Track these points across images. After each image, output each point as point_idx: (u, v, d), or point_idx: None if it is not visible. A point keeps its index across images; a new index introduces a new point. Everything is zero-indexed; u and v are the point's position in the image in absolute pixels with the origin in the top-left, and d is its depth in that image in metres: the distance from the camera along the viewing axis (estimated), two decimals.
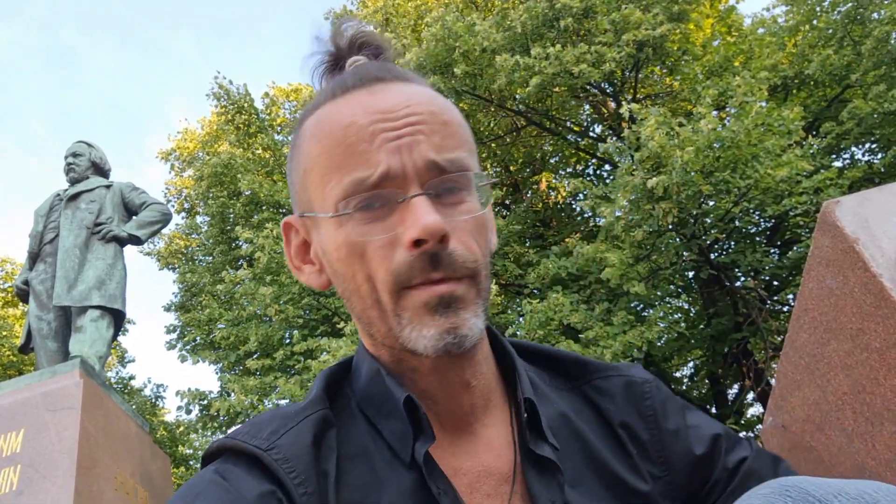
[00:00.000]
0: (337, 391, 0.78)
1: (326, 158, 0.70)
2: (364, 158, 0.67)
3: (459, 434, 0.75)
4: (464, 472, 0.73)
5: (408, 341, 0.68)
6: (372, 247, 0.68)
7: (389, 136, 0.67)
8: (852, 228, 1.12)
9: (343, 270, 0.71)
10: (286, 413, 0.72)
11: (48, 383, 4.00)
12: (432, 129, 0.69)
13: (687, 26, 11.11)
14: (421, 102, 0.70)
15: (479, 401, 0.76)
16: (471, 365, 0.75)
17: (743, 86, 8.56)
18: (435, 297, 0.66)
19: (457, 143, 0.71)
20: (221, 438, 0.70)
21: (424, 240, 0.65)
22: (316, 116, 0.74)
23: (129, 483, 3.96)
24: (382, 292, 0.68)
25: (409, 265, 0.66)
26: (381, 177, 0.66)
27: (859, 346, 1.16)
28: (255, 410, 9.79)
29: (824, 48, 10.33)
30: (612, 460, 0.78)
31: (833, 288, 1.21)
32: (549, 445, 0.74)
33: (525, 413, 0.75)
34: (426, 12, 13.20)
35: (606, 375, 0.85)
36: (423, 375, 0.74)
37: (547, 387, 0.83)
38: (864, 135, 10.12)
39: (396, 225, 0.67)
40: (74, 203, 5.42)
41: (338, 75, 0.78)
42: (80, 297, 5.01)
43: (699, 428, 0.83)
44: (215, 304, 11.90)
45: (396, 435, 0.71)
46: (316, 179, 0.71)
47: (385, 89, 0.71)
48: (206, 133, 16.23)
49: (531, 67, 9.83)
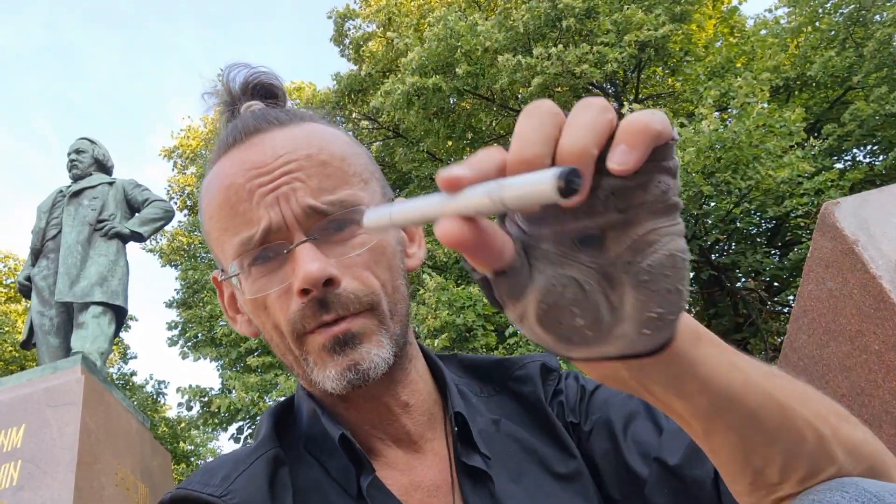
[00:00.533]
0: (284, 430, 0.81)
1: (217, 221, 0.72)
2: (246, 218, 0.69)
3: (408, 451, 0.78)
4: (415, 489, 0.76)
5: (318, 382, 0.70)
6: (271, 299, 0.70)
7: (265, 189, 0.69)
8: (852, 230, 1.13)
9: (257, 323, 0.75)
10: (237, 457, 0.74)
11: (50, 379, 4.01)
12: (309, 173, 0.70)
13: (689, 27, 11.11)
14: (297, 147, 0.71)
15: (421, 418, 0.79)
16: (405, 386, 0.77)
17: (745, 87, 8.57)
18: (330, 339, 0.68)
19: (337, 181, 0.71)
20: (175, 489, 0.71)
21: (309, 289, 0.66)
22: (207, 178, 0.76)
23: (130, 479, 3.97)
24: (289, 339, 0.71)
25: (301, 313, 0.68)
26: (265, 232, 0.68)
27: (858, 348, 1.17)
28: (256, 407, 9.81)
29: (826, 50, 10.32)
30: (543, 447, 0.81)
31: (832, 289, 1.22)
32: (479, 455, 0.76)
33: (455, 427, 0.77)
34: (428, 12, 13.20)
35: (523, 364, 0.89)
36: (361, 404, 0.76)
37: (478, 397, 0.86)
38: (866, 137, 10.12)
39: (289, 275, 0.69)
40: (77, 200, 5.43)
41: (235, 121, 0.79)
42: (82, 294, 5.02)
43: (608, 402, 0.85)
44: (217, 300, 11.91)
45: (341, 470, 0.74)
46: (214, 240, 0.74)
47: (261, 141, 0.72)
48: (208, 130, 16.23)
49: (533, 67, 9.83)
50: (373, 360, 0.69)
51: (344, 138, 0.77)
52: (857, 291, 1.16)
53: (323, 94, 14.05)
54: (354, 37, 14.79)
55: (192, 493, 0.69)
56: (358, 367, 0.68)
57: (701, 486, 0.70)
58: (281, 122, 0.74)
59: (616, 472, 0.78)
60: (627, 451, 0.77)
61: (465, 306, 8.72)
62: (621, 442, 0.78)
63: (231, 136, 0.75)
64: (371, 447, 0.77)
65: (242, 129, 0.74)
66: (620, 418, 0.80)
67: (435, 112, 11.61)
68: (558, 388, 0.87)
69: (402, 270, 0.76)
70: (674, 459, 0.72)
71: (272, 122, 0.74)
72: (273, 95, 0.84)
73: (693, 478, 0.70)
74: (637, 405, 0.81)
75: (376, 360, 0.69)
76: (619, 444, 0.78)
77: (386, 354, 0.70)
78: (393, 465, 0.77)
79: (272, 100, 0.84)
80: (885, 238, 1.13)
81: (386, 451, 0.77)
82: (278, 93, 0.85)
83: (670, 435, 0.75)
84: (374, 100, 11.36)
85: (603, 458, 0.79)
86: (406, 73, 10.82)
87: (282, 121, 0.75)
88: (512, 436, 0.82)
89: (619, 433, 0.79)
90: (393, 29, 13.51)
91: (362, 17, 14.62)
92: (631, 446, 0.77)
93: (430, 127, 11.97)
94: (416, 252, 0.81)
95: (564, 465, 0.80)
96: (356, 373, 0.68)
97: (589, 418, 0.83)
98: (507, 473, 0.77)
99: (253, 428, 11.22)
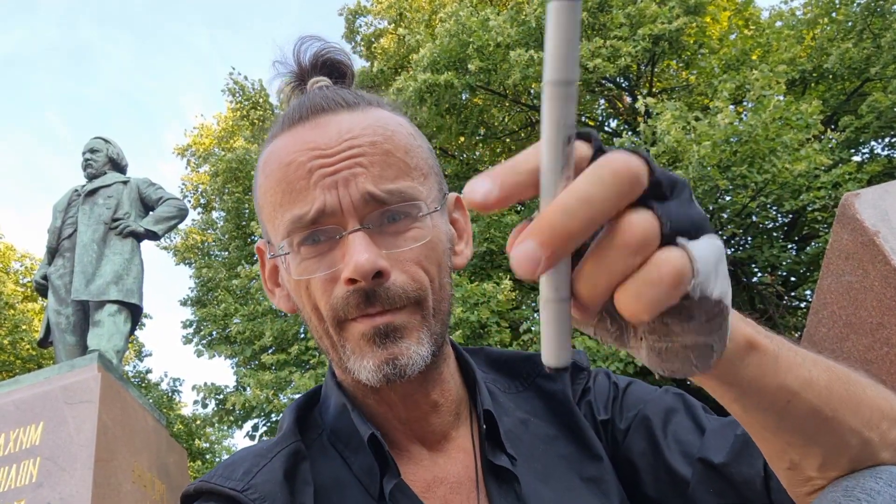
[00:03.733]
0: (307, 423, 0.80)
1: (272, 196, 0.71)
2: (302, 196, 0.68)
3: (433, 447, 0.78)
4: (438, 484, 0.75)
5: (353, 371, 0.70)
6: (315, 282, 0.69)
7: (326, 171, 0.68)
8: (872, 221, 1.11)
9: (297, 301, 0.74)
10: (258, 451, 0.74)
11: (67, 377, 4.04)
12: (371, 160, 0.69)
13: (703, 19, 11.01)
14: (362, 133, 0.70)
15: (449, 417, 0.79)
16: (436, 385, 0.77)
17: (760, 79, 8.48)
18: (371, 329, 0.67)
19: (398, 172, 0.70)
20: (197, 481, 0.72)
21: (357, 279, 0.66)
22: (267, 151, 0.75)
23: (147, 476, 4.00)
24: (328, 324, 0.70)
25: (346, 301, 0.68)
26: (318, 213, 0.67)
27: (879, 341, 1.15)
28: (271, 405, 9.86)
29: (843, 41, 10.21)
30: (570, 447, 0.81)
31: (852, 282, 1.20)
32: (506, 455, 0.76)
33: (483, 425, 0.77)
34: (440, 7, 13.18)
35: None
36: (392, 400, 0.75)
37: (506, 394, 0.86)
38: (884, 128, 9.99)
39: (338, 260, 0.68)
40: (92, 199, 5.47)
41: (302, 96, 0.79)
42: (97, 292, 5.06)
43: (638, 396, 0.84)
44: (231, 298, 11.97)
45: (365, 469, 0.74)
46: (267, 215, 0.73)
47: (327, 122, 0.71)
48: (221, 129, 16.31)
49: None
50: (411, 357, 0.68)
51: (409, 129, 0.76)
52: (878, 283, 1.14)
53: None
54: (366, 34, 14.81)
55: (215, 486, 0.69)
56: (396, 362, 0.68)
57: (750, 485, 0.69)
58: (348, 105, 0.74)
59: (654, 471, 0.77)
60: (668, 451, 0.76)
61: (480, 303, 8.71)
62: (661, 441, 0.77)
63: (297, 113, 0.74)
64: (397, 442, 0.77)
65: (310, 106, 0.73)
66: (658, 415, 0.79)
67: (447, 108, 11.60)
68: (587, 386, 0.86)
69: (449, 268, 0.75)
70: (719, 458, 0.71)
71: (340, 103, 0.74)
72: (342, 74, 0.83)
73: (742, 477, 0.69)
74: (674, 401, 0.80)
75: (415, 357, 0.68)
76: (658, 443, 0.77)
77: (425, 352, 0.69)
78: (417, 462, 0.77)
79: (340, 78, 0.83)
80: None
81: (411, 447, 0.77)
82: (347, 71, 0.84)
83: (714, 434, 0.74)
84: (386, 97, 11.32)
85: (641, 457, 0.78)
86: (418, 70, 10.81)
87: (349, 103, 0.74)
88: (539, 435, 0.81)
89: (658, 432, 0.78)
90: (404, 25, 13.50)
91: (373, 14, 14.63)
92: (672, 446, 0.76)
93: (443, 123, 11.96)
94: (463, 250, 0.80)
95: (590, 466, 0.80)
96: (394, 367, 0.67)
97: (624, 416, 0.82)
98: (535, 474, 0.77)
99: (268, 425, 11.28)
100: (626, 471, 0.80)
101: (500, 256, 10.38)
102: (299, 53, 0.82)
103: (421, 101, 10.92)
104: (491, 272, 10.25)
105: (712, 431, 0.75)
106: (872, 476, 0.49)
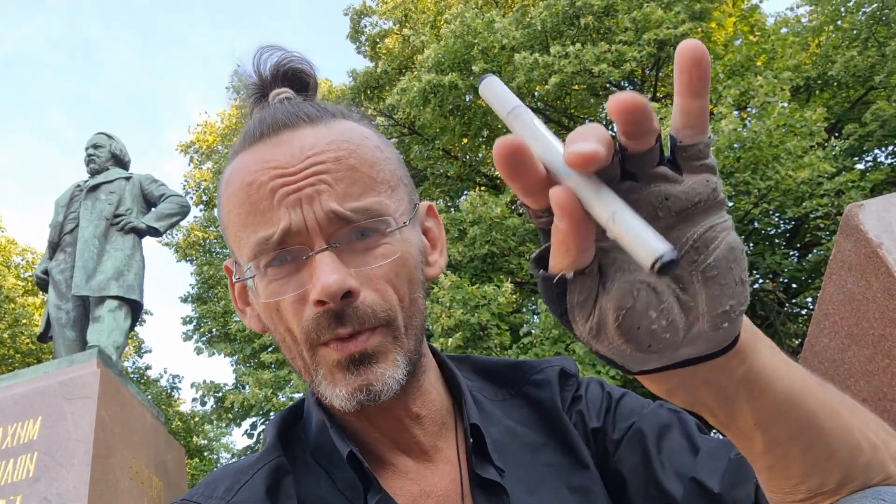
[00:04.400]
0: (291, 438, 0.79)
1: (235, 216, 0.70)
2: (266, 217, 0.67)
3: (419, 460, 0.76)
4: (425, 497, 0.74)
5: (325, 397, 0.69)
6: (285, 304, 0.68)
7: (288, 189, 0.66)
8: (876, 232, 1.10)
9: (268, 323, 0.73)
10: (240, 468, 0.73)
11: (66, 372, 4.04)
12: (336, 177, 0.67)
13: (709, 25, 11.01)
14: (326, 149, 0.68)
15: (433, 427, 0.77)
16: (416, 397, 0.75)
17: (765, 86, 8.48)
18: (346, 357, 0.66)
19: (364, 188, 0.68)
20: (179, 500, 0.71)
21: (326, 300, 0.64)
22: (229, 169, 0.73)
23: (144, 472, 4.00)
24: (301, 346, 0.69)
25: (317, 322, 0.66)
26: (283, 233, 0.66)
27: (881, 353, 1.14)
28: (269, 403, 9.86)
29: (848, 49, 10.20)
30: (558, 456, 0.80)
31: (855, 293, 1.19)
32: (494, 468, 0.75)
33: (471, 439, 0.75)
34: (445, 8, 13.18)
35: (541, 368, 0.87)
36: (372, 416, 0.74)
37: (492, 402, 0.84)
38: (888, 137, 9.98)
39: (306, 280, 0.66)
40: (94, 194, 5.48)
41: (264, 108, 0.77)
42: (98, 288, 5.06)
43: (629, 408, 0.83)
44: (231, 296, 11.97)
45: (348, 485, 0.72)
46: (232, 235, 0.71)
47: (289, 139, 0.69)
48: (225, 126, 16.33)
49: (550, 66, 9.78)
50: (386, 382, 0.67)
51: (375, 141, 0.74)
52: (881, 295, 1.13)
53: (339, 90, 14.09)
54: (371, 34, 14.82)
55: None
56: (370, 389, 0.66)
57: None
58: (311, 119, 0.71)
59: (644, 486, 0.76)
60: (660, 468, 0.75)
61: (480, 305, 8.70)
62: (654, 457, 0.76)
63: (258, 130, 0.72)
64: (381, 456, 0.76)
65: (271, 122, 0.71)
66: (653, 431, 0.78)
67: (451, 109, 11.59)
68: (577, 394, 0.85)
69: (421, 282, 0.73)
70: (713, 482, 0.70)
71: (302, 118, 0.71)
72: (304, 84, 0.81)
73: (733, 500, 0.68)
74: (669, 417, 0.79)
75: (389, 382, 0.67)
76: (650, 458, 0.76)
77: (400, 375, 0.68)
78: (403, 474, 0.75)
79: (303, 89, 0.81)
80: None
81: (396, 460, 0.76)
82: (310, 81, 0.81)
83: (709, 455, 0.73)
84: (390, 97, 11.36)
85: (631, 471, 0.77)
86: (422, 71, 10.81)
87: (312, 117, 0.72)
88: (527, 444, 0.80)
89: (651, 447, 0.77)
90: (409, 26, 13.51)
91: (379, 14, 14.64)
92: (665, 463, 0.75)
93: (446, 124, 11.96)
94: (437, 260, 0.79)
95: (578, 476, 0.79)
96: (367, 393, 0.66)
97: (617, 427, 0.81)
98: (522, 485, 0.76)
99: (266, 424, 11.27)
100: (614, 482, 0.80)
101: (502, 259, 10.37)
102: (259, 64, 0.79)
103: (425, 102, 10.91)
104: (492, 275, 10.25)
105: (706, 452, 0.74)
106: (874, 497, 0.48)
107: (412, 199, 0.76)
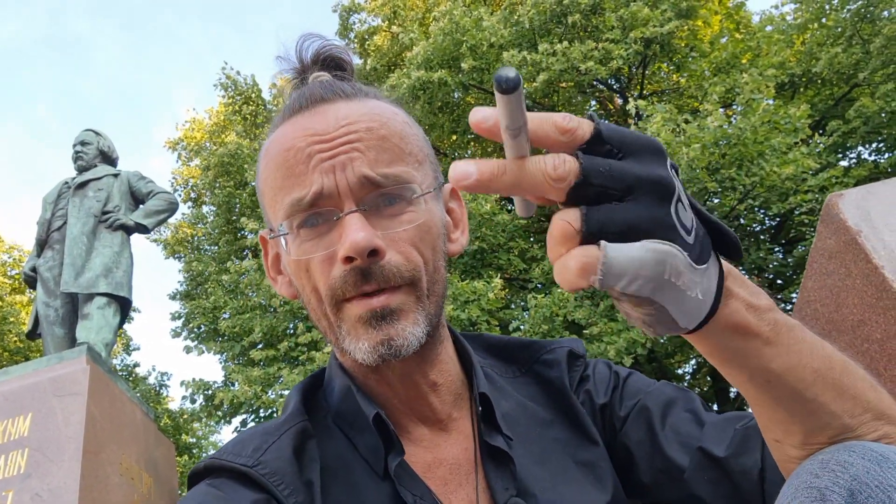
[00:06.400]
0: (313, 404, 0.83)
1: (272, 181, 0.74)
2: (300, 180, 0.71)
3: (434, 429, 0.80)
4: (438, 465, 0.78)
5: (349, 351, 0.72)
6: (314, 262, 0.72)
7: (324, 155, 0.71)
8: (855, 221, 1.14)
9: (297, 284, 0.77)
10: (267, 429, 0.76)
11: (56, 369, 4.03)
12: (368, 145, 0.72)
13: (695, 23, 11.08)
14: (359, 120, 0.73)
15: (448, 397, 0.81)
16: (434, 365, 0.79)
17: (750, 83, 8.55)
18: (368, 311, 0.70)
19: (394, 156, 0.73)
20: (208, 457, 0.74)
21: (354, 257, 0.68)
22: (269, 140, 0.78)
23: (134, 469, 4.00)
24: (326, 305, 0.72)
25: (343, 279, 0.70)
26: (315, 196, 0.70)
27: (860, 338, 1.18)
28: (259, 401, 9.84)
29: (833, 46, 10.29)
30: (566, 431, 0.84)
31: (835, 280, 1.23)
32: (502, 436, 0.78)
33: (480, 407, 0.79)
34: (434, 6, 13.17)
35: (551, 348, 0.91)
36: (392, 381, 0.78)
37: (503, 378, 0.88)
38: (871, 134, 10.09)
39: (335, 241, 0.70)
40: (82, 191, 5.45)
41: (303, 89, 0.81)
42: (87, 285, 5.04)
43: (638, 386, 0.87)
44: (220, 291, 11.92)
45: (370, 449, 0.76)
46: (268, 200, 0.76)
47: (326, 110, 0.74)
48: (213, 123, 16.25)
49: (538, 64, 9.82)
50: (406, 338, 0.70)
51: (404, 118, 0.79)
52: (860, 282, 1.17)
53: None
54: (359, 31, 14.79)
55: (225, 462, 0.71)
56: (391, 343, 0.70)
57: (747, 475, 0.72)
58: (346, 95, 0.77)
59: (650, 459, 0.80)
60: (665, 441, 0.79)
61: (470, 301, 8.73)
62: (658, 431, 0.80)
63: (297, 103, 0.77)
64: (399, 423, 0.79)
65: (309, 97, 0.77)
66: (658, 406, 0.82)
67: (440, 106, 11.61)
68: (585, 374, 0.89)
69: (443, 253, 0.77)
70: (720, 450, 0.74)
71: (338, 93, 0.77)
72: (341, 69, 0.86)
73: (741, 468, 0.72)
74: (674, 393, 0.83)
75: (410, 338, 0.70)
76: (655, 433, 0.80)
77: (420, 333, 0.71)
78: (418, 442, 0.79)
79: (340, 72, 0.86)
80: (888, 229, 1.14)
81: (412, 428, 0.79)
82: (347, 67, 0.87)
83: (714, 427, 0.77)
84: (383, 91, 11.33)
85: (638, 445, 0.81)
86: (411, 68, 10.82)
87: (347, 93, 0.77)
88: (536, 419, 0.84)
89: (656, 422, 0.80)
90: (398, 23, 13.50)
91: (367, 11, 14.61)
92: (670, 435, 0.79)
93: (436, 121, 11.97)
94: (458, 238, 0.83)
95: (585, 451, 0.82)
96: (389, 347, 0.70)
97: (624, 404, 0.85)
98: (530, 456, 0.79)
99: (256, 422, 11.25)
100: (621, 457, 0.83)
101: (491, 255, 10.40)
102: (301, 50, 0.85)
103: (414, 99, 10.91)
104: (482, 270, 10.27)
105: (712, 425, 0.77)
106: (846, 450, 0.52)
107: (437, 177, 0.80)
